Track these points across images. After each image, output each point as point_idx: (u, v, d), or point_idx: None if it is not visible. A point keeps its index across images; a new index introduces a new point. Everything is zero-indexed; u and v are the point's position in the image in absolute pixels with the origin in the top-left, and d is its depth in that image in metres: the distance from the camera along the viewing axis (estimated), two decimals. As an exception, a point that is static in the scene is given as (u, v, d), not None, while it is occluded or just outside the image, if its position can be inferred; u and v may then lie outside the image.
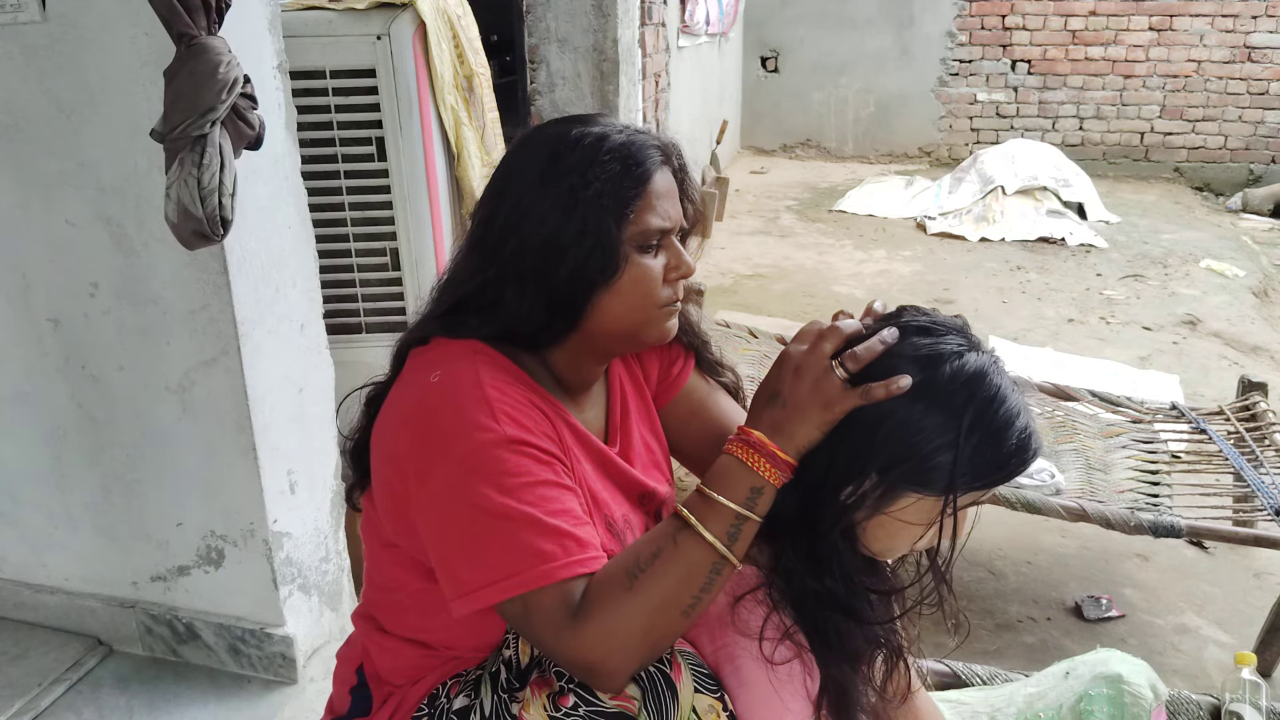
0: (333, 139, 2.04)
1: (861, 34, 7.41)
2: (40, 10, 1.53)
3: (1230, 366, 3.73)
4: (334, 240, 2.08)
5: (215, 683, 1.84)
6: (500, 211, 1.05)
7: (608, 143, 1.02)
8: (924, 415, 0.99)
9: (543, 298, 1.03)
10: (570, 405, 1.12)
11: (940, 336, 1.03)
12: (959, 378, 1.00)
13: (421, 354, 1.07)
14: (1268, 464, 2.20)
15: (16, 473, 1.89)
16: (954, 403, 0.99)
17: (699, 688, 0.99)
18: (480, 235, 1.08)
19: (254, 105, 1.40)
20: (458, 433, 0.97)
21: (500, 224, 1.05)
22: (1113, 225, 5.74)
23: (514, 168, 1.08)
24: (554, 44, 4.05)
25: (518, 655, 1.08)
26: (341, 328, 2.10)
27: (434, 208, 2.10)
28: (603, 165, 1.01)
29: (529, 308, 1.03)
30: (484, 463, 0.95)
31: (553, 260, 1.01)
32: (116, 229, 1.63)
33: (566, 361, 1.10)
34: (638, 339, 1.09)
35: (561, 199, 1.01)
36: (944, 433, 0.99)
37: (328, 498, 1.89)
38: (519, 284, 1.03)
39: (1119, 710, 1.39)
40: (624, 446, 1.19)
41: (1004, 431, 1.00)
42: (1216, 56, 6.88)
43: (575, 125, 1.05)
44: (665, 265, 1.06)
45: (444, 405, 0.99)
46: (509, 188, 1.06)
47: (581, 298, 1.03)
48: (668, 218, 1.05)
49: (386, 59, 1.99)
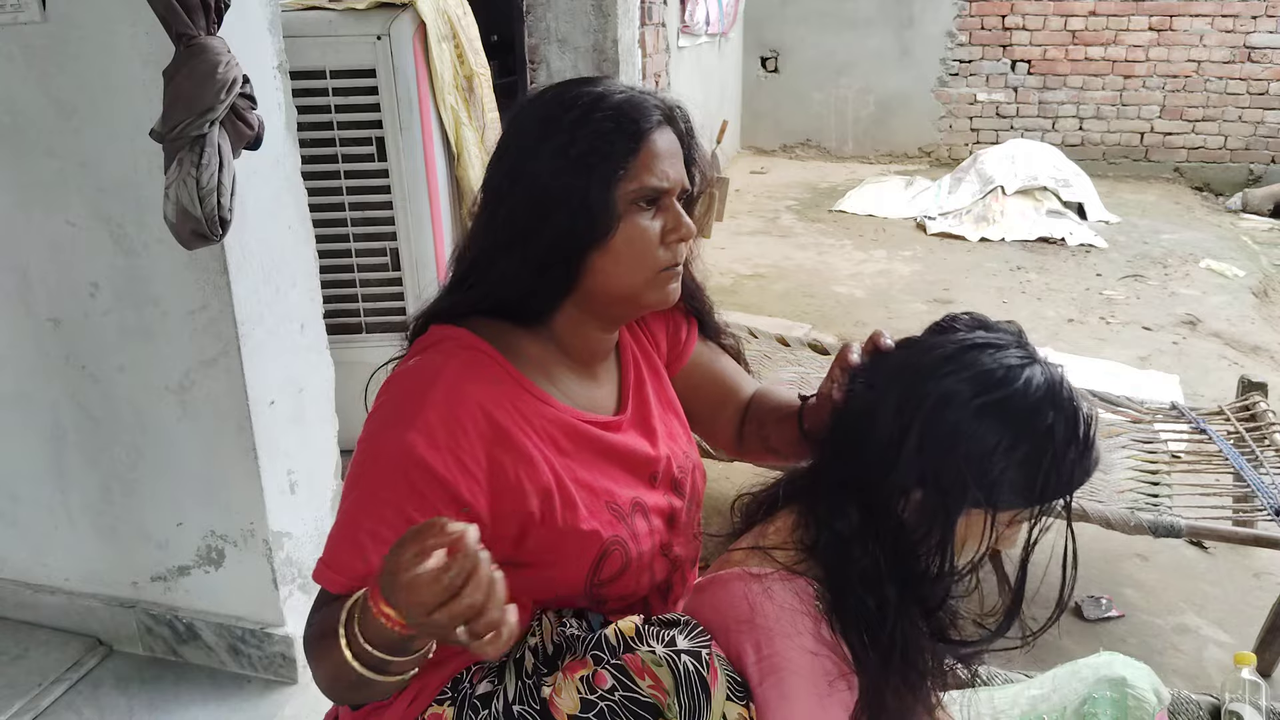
0: (333, 139, 2.04)
1: (861, 34, 7.40)
2: (40, 10, 1.53)
3: (1230, 366, 3.73)
4: (334, 240, 2.08)
5: (215, 683, 1.84)
6: (497, 178, 1.05)
7: (605, 102, 1.01)
8: (1000, 436, 0.98)
9: (532, 261, 1.01)
10: (573, 385, 1.11)
11: (1000, 349, 1.01)
12: (1033, 397, 0.99)
13: (422, 340, 1.08)
14: (1268, 464, 2.20)
15: (16, 473, 1.89)
16: (1034, 423, 0.99)
17: (731, 695, 0.99)
18: (480, 204, 1.08)
19: (253, 105, 1.40)
20: (384, 418, 1.00)
21: (496, 190, 1.04)
22: (1113, 225, 5.73)
23: (512, 132, 1.07)
24: (554, 44, 4.05)
25: (543, 642, 1.08)
26: (341, 328, 2.10)
27: (434, 208, 2.10)
28: (595, 124, 0.99)
29: (519, 271, 1.02)
30: (374, 455, 0.98)
31: (541, 220, 1.00)
32: (116, 229, 1.63)
33: (570, 330, 1.09)
34: (638, 302, 1.07)
35: (552, 159, 0.99)
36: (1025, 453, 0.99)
37: (328, 497, 1.89)
38: (511, 249, 1.02)
39: (1122, 713, 1.39)
40: (639, 414, 1.17)
41: (1084, 446, 1.01)
42: (1216, 56, 6.87)
43: (576, 86, 1.04)
44: (663, 227, 1.04)
45: (397, 390, 1.01)
46: (506, 154, 1.05)
47: (574, 259, 1.01)
48: (665, 178, 1.02)
49: (387, 59, 1.99)
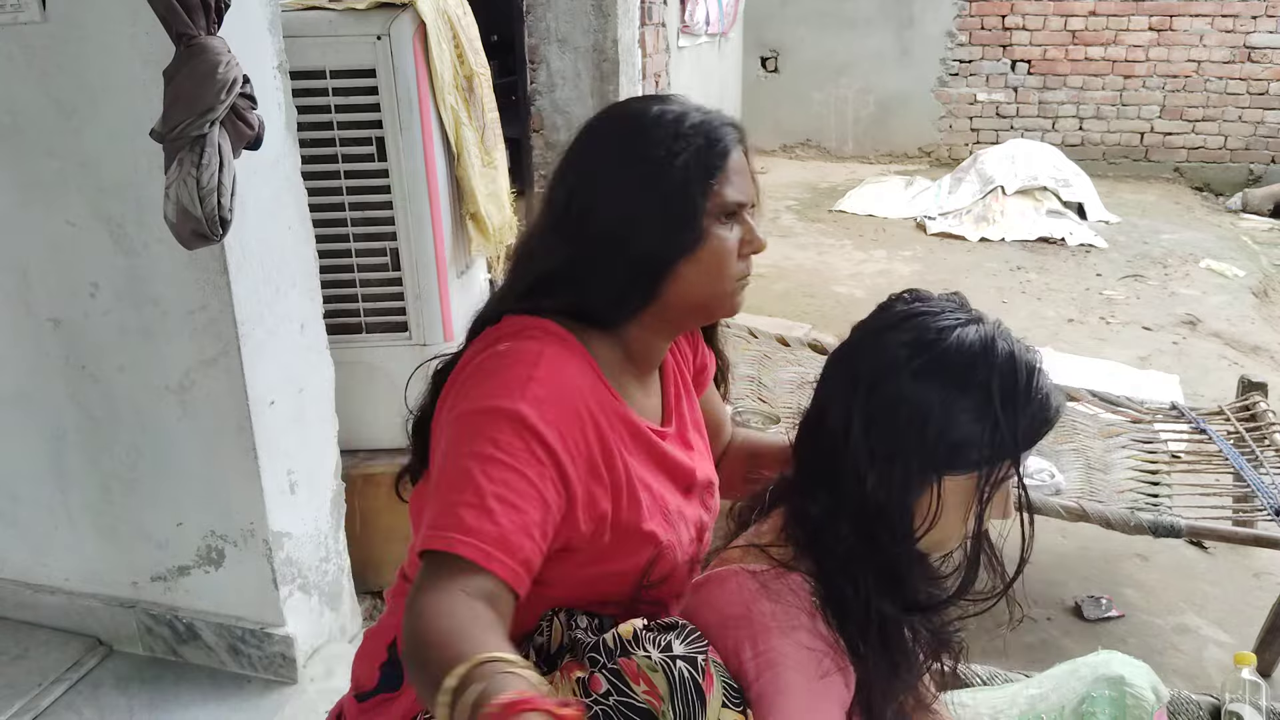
0: (333, 139, 2.04)
1: (861, 34, 7.40)
2: (40, 10, 1.53)
3: (1230, 366, 3.73)
4: (334, 240, 2.07)
5: (215, 683, 1.84)
6: (579, 190, 1.08)
7: (689, 119, 1.06)
8: (941, 395, 0.99)
9: (624, 270, 1.06)
10: (634, 390, 1.14)
11: (936, 315, 1.03)
12: (969, 352, 1.00)
13: (495, 330, 1.09)
14: (1267, 464, 2.20)
15: (16, 473, 1.89)
16: (973, 377, 0.99)
17: (727, 701, 0.99)
18: (558, 216, 1.10)
19: (253, 105, 1.40)
20: (488, 391, 1.00)
21: (579, 202, 1.08)
22: (1112, 225, 5.73)
23: (590, 147, 1.11)
24: (554, 44, 4.05)
25: (549, 641, 1.08)
26: (341, 328, 2.09)
27: (434, 208, 2.10)
28: (687, 139, 1.05)
29: (609, 281, 1.06)
30: (486, 424, 0.97)
31: (636, 232, 1.04)
32: (117, 229, 1.63)
33: (638, 336, 1.12)
34: (711, 311, 1.12)
35: (646, 172, 1.04)
36: (975, 410, 0.98)
37: (328, 498, 1.89)
38: (601, 259, 1.06)
39: (1121, 712, 1.39)
40: (679, 428, 1.21)
41: (1027, 395, 1.00)
42: (1216, 56, 6.87)
43: (653, 104, 1.09)
44: (741, 239, 1.09)
45: (497, 368, 1.02)
46: (586, 167, 1.10)
47: (663, 268, 1.06)
48: (744, 192, 1.08)
49: (387, 59, 1.99)
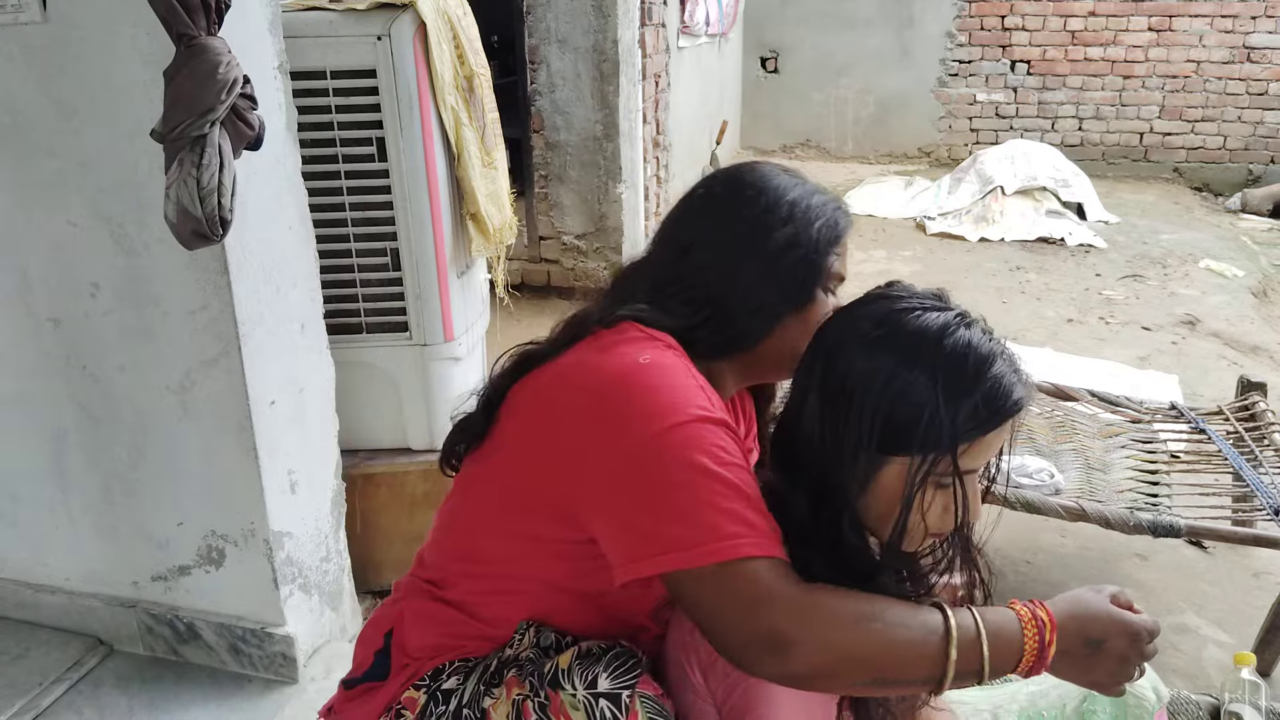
0: (333, 139, 2.04)
1: (861, 34, 7.41)
2: (41, 10, 1.53)
3: (1229, 366, 3.73)
4: (334, 240, 2.07)
5: (216, 682, 1.84)
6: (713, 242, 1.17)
7: (818, 195, 1.20)
8: (888, 370, 1.01)
9: (743, 314, 1.14)
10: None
11: (906, 299, 1.06)
12: (923, 333, 1.02)
13: (609, 335, 1.10)
14: (1267, 464, 2.20)
15: (17, 473, 1.90)
16: (920, 356, 1.00)
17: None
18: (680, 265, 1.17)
19: (254, 105, 1.40)
20: (673, 405, 1.01)
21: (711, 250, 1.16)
22: (1112, 225, 5.74)
23: (735, 198, 1.19)
24: (554, 44, 4.05)
25: (517, 654, 1.09)
26: (341, 328, 2.09)
27: (434, 208, 2.10)
28: (820, 211, 1.18)
29: (727, 320, 1.14)
30: (700, 434, 1.00)
31: (762, 282, 1.14)
32: (117, 229, 1.63)
33: (720, 375, 1.18)
34: (788, 370, 1.17)
35: (785, 235, 1.15)
36: (916, 389, 1.00)
37: (328, 497, 1.89)
38: (727, 302, 1.14)
39: (1121, 712, 1.39)
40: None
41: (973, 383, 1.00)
42: (1216, 57, 6.88)
43: (786, 173, 1.21)
44: (834, 307, 1.19)
45: (661, 381, 1.03)
46: (724, 215, 1.18)
47: (775, 320, 1.16)
48: (845, 268, 1.22)
49: (387, 59, 1.99)
